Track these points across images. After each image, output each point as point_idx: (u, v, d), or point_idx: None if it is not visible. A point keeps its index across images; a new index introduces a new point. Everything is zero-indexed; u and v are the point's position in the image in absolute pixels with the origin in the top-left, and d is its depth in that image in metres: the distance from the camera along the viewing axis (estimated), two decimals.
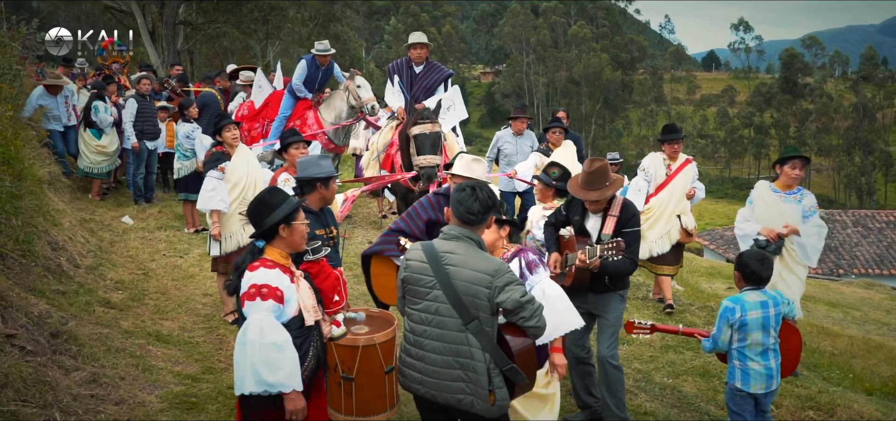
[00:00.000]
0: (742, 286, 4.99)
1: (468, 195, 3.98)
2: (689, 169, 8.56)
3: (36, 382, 4.88)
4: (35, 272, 6.76)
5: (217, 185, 7.13)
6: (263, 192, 4.08)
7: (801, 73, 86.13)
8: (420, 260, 3.98)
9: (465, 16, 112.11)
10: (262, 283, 3.76)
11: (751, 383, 4.91)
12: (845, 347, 9.81)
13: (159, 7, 25.28)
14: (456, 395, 3.88)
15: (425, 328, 3.94)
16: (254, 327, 3.69)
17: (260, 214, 3.93)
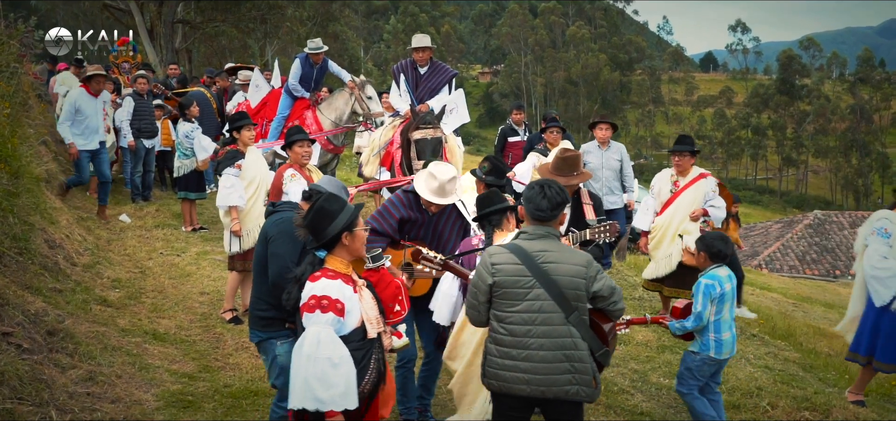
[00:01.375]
0: (707, 265, 5.50)
1: (537, 193, 4.17)
2: (700, 186, 7.62)
3: (32, 380, 4.88)
4: (32, 270, 6.75)
5: (235, 183, 7.23)
6: (321, 200, 3.92)
7: (798, 75, 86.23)
8: (513, 263, 4.08)
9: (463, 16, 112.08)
10: (322, 294, 3.69)
11: (722, 351, 5.44)
12: (842, 348, 9.80)
13: (158, 6, 25.23)
14: (564, 387, 4.03)
15: (529, 328, 4.04)
16: (311, 341, 3.62)
17: (322, 224, 3.83)
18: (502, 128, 10.92)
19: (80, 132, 9.76)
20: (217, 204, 7.39)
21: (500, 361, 4.09)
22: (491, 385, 4.17)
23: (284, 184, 6.81)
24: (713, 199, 7.54)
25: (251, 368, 6.35)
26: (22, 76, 9.93)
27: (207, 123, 11.77)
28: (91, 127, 9.80)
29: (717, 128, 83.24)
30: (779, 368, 7.55)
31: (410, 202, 5.27)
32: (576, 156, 5.67)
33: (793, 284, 19.47)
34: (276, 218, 4.62)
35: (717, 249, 5.46)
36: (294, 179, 6.72)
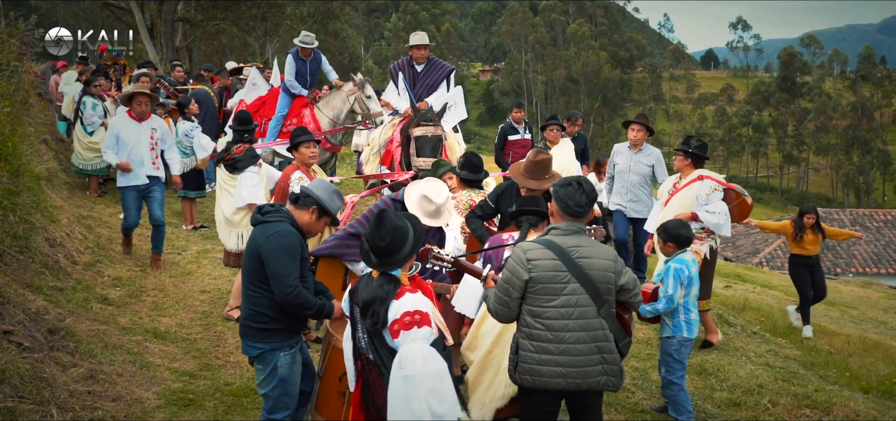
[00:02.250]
0: (671, 251, 5.76)
1: (575, 189, 4.27)
2: (693, 189, 7.29)
3: (33, 379, 4.88)
4: (32, 269, 6.76)
5: (259, 181, 7.28)
6: (391, 217, 3.79)
7: (799, 72, 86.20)
8: (549, 258, 4.15)
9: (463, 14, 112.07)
10: (414, 309, 3.63)
11: (694, 330, 5.76)
12: (842, 345, 9.81)
13: (158, 4, 25.22)
14: (596, 378, 4.14)
15: (566, 322, 4.12)
16: (416, 358, 3.54)
17: (400, 241, 3.73)
18: (502, 126, 10.91)
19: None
20: (244, 201, 7.22)
21: (537, 356, 4.13)
22: (525, 381, 4.18)
23: (292, 186, 6.65)
24: (708, 203, 7.16)
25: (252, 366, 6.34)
26: (22, 75, 9.93)
27: (209, 122, 11.77)
28: (135, 158, 8.16)
29: (718, 125, 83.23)
30: (779, 365, 7.55)
31: (396, 210, 5.25)
32: (547, 159, 5.71)
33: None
34: (267, 231, 4.36)
35: (682, 236, 5.76)
36: (301, 182, 6.65)
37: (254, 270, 4.36)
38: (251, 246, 4.40)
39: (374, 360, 3.71)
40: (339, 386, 4.41)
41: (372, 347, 3.71)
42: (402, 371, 3.53)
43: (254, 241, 4.39)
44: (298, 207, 4.57)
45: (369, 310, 3.68)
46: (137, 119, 8.18)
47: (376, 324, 3.66)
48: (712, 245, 7.29)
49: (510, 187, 5.96)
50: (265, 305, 4.35)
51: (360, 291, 3.80)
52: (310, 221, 4.58)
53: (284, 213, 4.48)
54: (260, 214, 4.49)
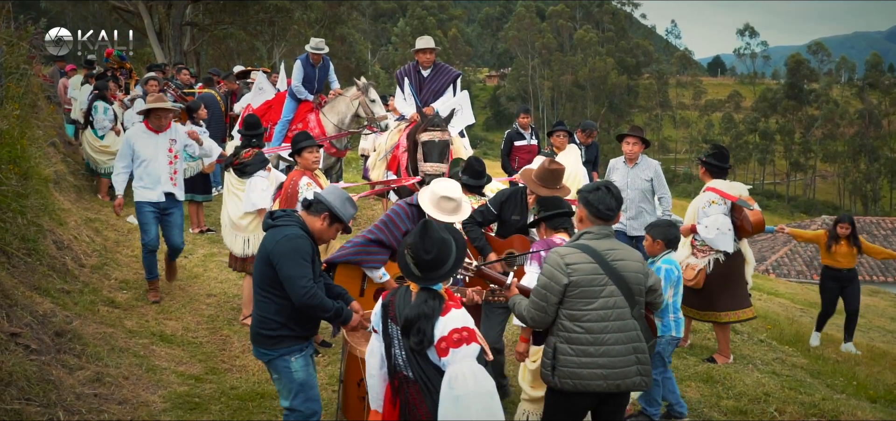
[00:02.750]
0: (659, 250, 5.85)
1: (605, 193, 4.34)
2: (696, 200, 7.33)
3: (40, 381, 4.90)
4: (40, 271, 6.79)
5: (268, 186, 7.26)
6: (436, 229, 3.69)
7: (806, 80, 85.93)
8: (587, 262, 4.21)
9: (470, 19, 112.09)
10: (462, 326, 3.52)
11: (681, 329, 5.88)
12: (849, 354, 9.78)
13: (166, 8, 25.34)
14: (632, 379, 4.22)
15: (606, 324, 4.18)
16: (467, 377, 3.43)
17: (445, 254, 3.64)
18: (509, 132, 10.92)
19: (140, 178, 7.58)
20: (254, 206, 7.19)
21: (577, 359, 4.17)
22: (565, 385, 4.21)
23: (300, 192, 6.62)
24: (704, 216, 7.12)
25: (258, 369, 6.36)
26: (31, 78, 9.97)
27: (215, 126, 11.80)
28: (151, 174, 7.53)
29: (725, 132, 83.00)
30: (786, 373, 7.52)
31: (414, 215, 5.23)
32: (561, 169, 5.72)
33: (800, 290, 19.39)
34: (276, 236, 4.31)
35: (671, 236, 5.88)
36: (310, 188, 6.61)
37: (264, 275, 4.33)
38: (262, 251, 4.36)
39: (415, 377, 3.60)
40: (359, 391, 4.37)
41: (412, 364, 3.60)
42: (453, 391, 3.42)
43: (264, 246, 4.35)
44: (310, 214, 4.49)
45: (414, 327, 3.55)
46: (155, 130, 7.57)
47: (422, 342, 3.53)
48: (719, 258, 7.17)
49: (515, 194, 5.94)
50: (274, 311, 4.32)
51: (399, 307, 3.66)
52: (321, 228, 4.49)
53: (295, 217, 4.43)
54: (271, 218, 4.45)
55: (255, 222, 7.24)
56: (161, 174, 7.55)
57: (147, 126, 7.58)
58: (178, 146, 7.76)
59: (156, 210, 7.63)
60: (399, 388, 3.68)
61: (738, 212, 7.18)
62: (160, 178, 7.55)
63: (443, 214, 4.85)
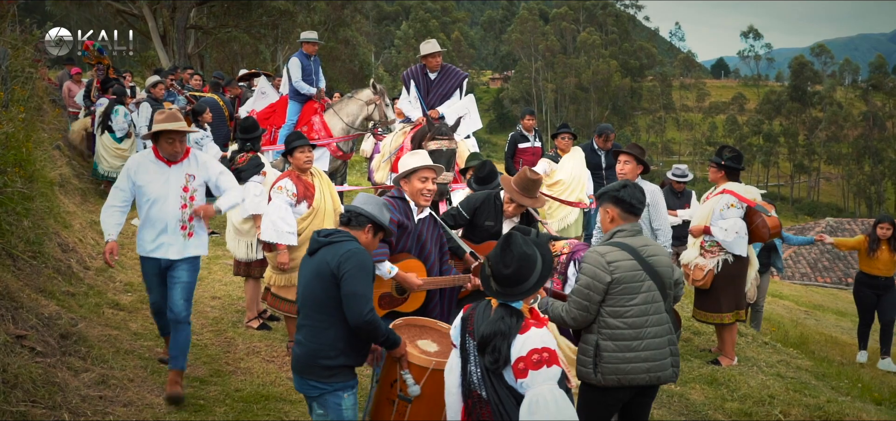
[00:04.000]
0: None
1: (633, 189, 4.50)
2: (711, 202, 7.27)
3: (45, 383, 4.91)
4: (45, 274, 6.81)
5: (263, 191, 7.18)
6: (520, 243, 3.48)
7: (810, 82, 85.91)
8: (627, 259, 4.31)
9: (473, 21, 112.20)
10: (542, 346, 3.30)
11: None
12: (854, 356, 9.77)
13: (170, 11, 25.41)
14: (668, 370, 4.34)
15: (646, 318, 4.29)
16: (549, 403, 3.20)
17: (527, 270, 3.44)
18: (513, 134, 10.92)
19: (142, 225, 5.66)
20: (247, 212, 7.15)
21: (620, 355, 4.26)
22: (610, 381, 4.28)
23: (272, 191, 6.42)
24: (722, 218, 7.08)
25: (262, 372, 6.37)
26: (37, 81, 10.00)
27: (218, 130, 11.81)
28: (156, 218, 5.55)
29: (729, 134, 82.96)
30: (791, 376, 7.51)
31: (402, 209, 5.19)
32: (539, 179, 5.75)
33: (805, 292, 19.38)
34: (338, 252, 3.95)
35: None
36: (281, 193, 6.30)
37: (320, 298, 3.96)
38: (317, 271, 3.98)
39: (488, 398, 3.42)
40: (391, 392, 4.22)
41: (487, 384, 3.42)
42: (533, 416, 3.22)
43: (322, 264, 3.96)
44: (353, 228, 4.16)
45: (490, 345, 3.37)
46: (166, 161, 5.55)
47: (498, 362, 3.34)
48: (727, 259, 7.15)
49: (488, 199, 5.87)
50: (332, 337, 3.97)
51: (477, 323, 3.49)
52: (368, 241, 4.20)
53: (347, 234, 4.10)
54: (322, 237, 4.08)
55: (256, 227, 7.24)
56: (168, 222, 5.52)
57: (156, 154, 5.56)
58: (198, 183, 5.67)
59: (158, 268, 5.69)
60: (472, 408, 3.51)
61: (756, 216, 7.15)
62: (166, 227, 5.53)
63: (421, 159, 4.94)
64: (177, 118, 5.55)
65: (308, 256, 4.10)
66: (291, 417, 5.59)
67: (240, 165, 7.32)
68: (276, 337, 7.17)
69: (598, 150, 9.95)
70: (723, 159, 7.27)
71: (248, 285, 7.47)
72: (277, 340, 7.10)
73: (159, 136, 5.51)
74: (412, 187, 5.07)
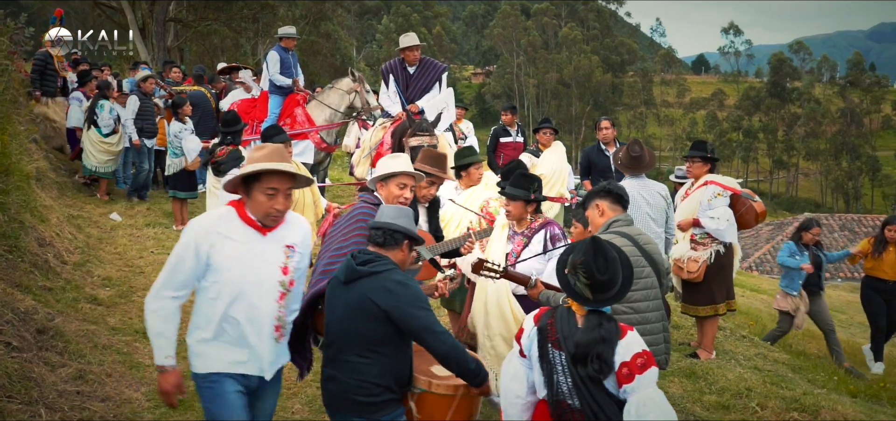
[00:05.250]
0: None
1: (618, 185, 4.74)
2: (697, 194, 7.24)
3: (21, 379, 4.86)
4: (21, 268, 6.73)
5: None
6: (607, 246, 3.44)
7: (789, 78, 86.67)
8: (628, 245, 4.40)
9: (455, 16, 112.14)
10: (642, 348, 3.32)
11: None
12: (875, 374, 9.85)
13: (150, 4, 25.17)
14: (661, 356, 4.45)
15: (648, 303, 4.45)
16: (657, 404, 3.26)
17: (618, 273, 3.40)
18: (495, 128, 10.95)
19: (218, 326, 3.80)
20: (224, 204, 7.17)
21: None
22: None
23: None
24: (710, 208, 7.08)
25: None
26: (12, 73, 9.89)
27: (206, 124, 11.72)
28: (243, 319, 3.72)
29: (709, 130, 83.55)
30: (768, 368, 7.58)
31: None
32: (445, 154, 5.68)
33: None
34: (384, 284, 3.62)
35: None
36: None
37: (363, 332, 3.63)
38: (358, 305, 3.62)
39: (581, 407, 3.35)
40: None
41: (581, 393, 3.35)
42: (641, 419, 3.24)
43: (364, 300, 3.61)
44: (389, 248, 3.77)
45: (591, 354, 3.30)
46: (260, 228, 3.71)
47: (602, 369, 3.29)
48: (720, 250, 7.18)
49: None
50: (377, 373, 3.64)
51: (562, 332, 3.41)
52: (404, 258, 3.84)
53: (387, 258, 3.73)
54: (359, 264, 3.66)
55: None
56: (262, 322, 3.70)
57: (240, 213, 3.74)
58: (299, 261, 3.84)
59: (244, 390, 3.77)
60: (560, 417, 3.43)
61: (743, 204, 7.20)
62: (261, 327, 3.70)
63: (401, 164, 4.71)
64: (285, 156, 3.86)
65: (341, 284, 3.71)
66: None
67: (219, 158, 7.29)
68: None
69: (606, 151, 9.38)
70: (708, 152, 7.32)
71: None
72: None
73: (254, 182, 3.67)
74: (389, 192, 4.63)
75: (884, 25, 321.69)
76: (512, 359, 3.64)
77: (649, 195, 6.84)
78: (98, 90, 11.49)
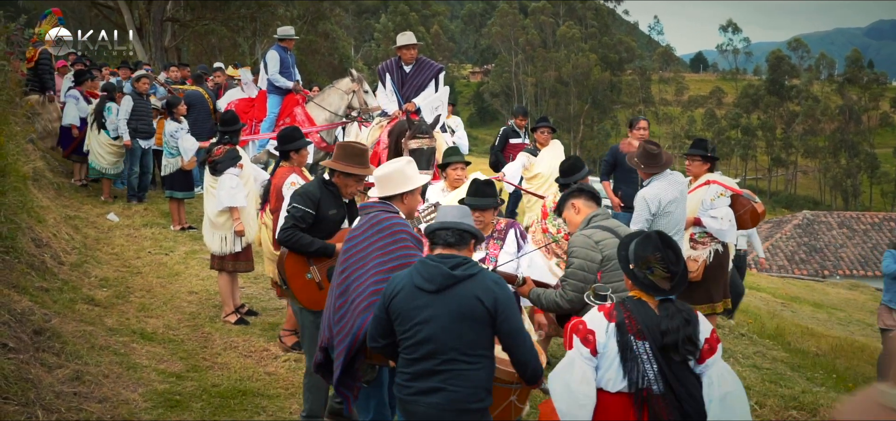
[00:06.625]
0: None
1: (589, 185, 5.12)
2: (698, 194, 7.16)
3: (18, 380, 4.84)
4: (18, 269, 6.71)
5: (238, 183, 7.16)
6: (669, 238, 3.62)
7: (787, 76, 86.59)
8: (610, 237, 4.65)
9: (453, 15, 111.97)
10: (712, 328, 3.54)
11: None
12: (829, 347, 9.88)
13: (147, 4, 25.15)
14: None
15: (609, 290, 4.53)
16: (730, 373, 3.52)
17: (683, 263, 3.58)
18: (504, 129, 10.93)
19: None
20: (222, 204, 7.11)
21: None
22: None
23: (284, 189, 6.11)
24: (711, 208, 7.00)
25: (239, 367, 6.33)
26: (9, 73, 9.88)
27: (203, 124, 11.68)
28: None
29: (707, 128, 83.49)
30: (767, 367, 7.59)
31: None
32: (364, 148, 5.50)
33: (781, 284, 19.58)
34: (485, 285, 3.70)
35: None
36: (294, 188, 6.22)
37: (470, 338, 3.67)
38: (465, 309, 3.66)
39: (663, 391, 3.45)
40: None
41: (670, 377, 3.46)
42: (720, 389, 3.44)
43: (470, 301, 3.66)
44: (462, 248, 3.82)
45: (682, 338, 3.43)
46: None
47: (693, 352, 3.46)
48: (718, 249, 7.12)
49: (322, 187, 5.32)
50: (484, 377, 3.72)
51: (645, 323, 3.50)
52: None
53: (472, 261, 3.80)
54: (455, 269, 3.70)
55: (231, 221, 7.20)
56: None
57: None
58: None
59: None
60: (643, 405, 3.50)
61: (744, 204, 7.16)
62: None
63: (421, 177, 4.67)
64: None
65: (426, 293, 3.70)
66: (268, 412, 5.57)
67: (216, 158, 7.27)
68: (253, 332, 7.13)
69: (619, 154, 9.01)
70: (708, 151, 7.28)
71: (221, 279, 7.42)
72: (255, 334, 7.06)
73: None
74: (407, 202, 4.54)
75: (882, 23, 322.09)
76: (577, 362, 3.58)
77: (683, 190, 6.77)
78: (105, 93, 11.48)
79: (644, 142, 6.92)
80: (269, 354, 6.64)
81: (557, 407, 3.58)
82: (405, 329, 3.72)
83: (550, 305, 4.71)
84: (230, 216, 7.19)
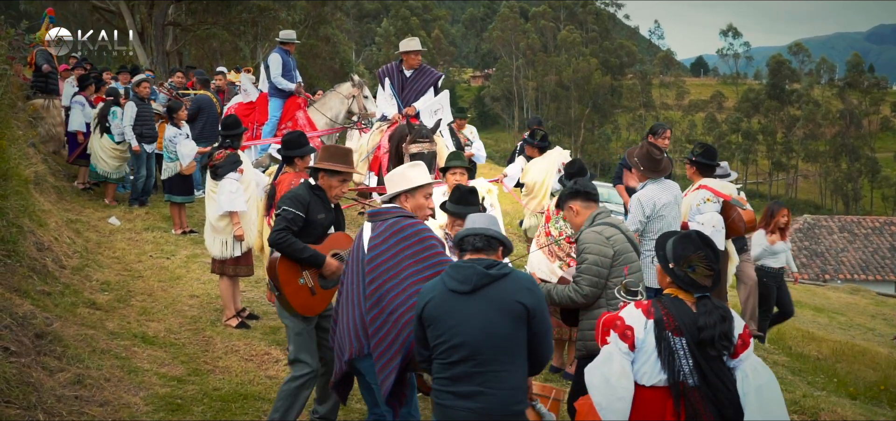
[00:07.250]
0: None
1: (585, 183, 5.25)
2: (688, 198, 7.13)
3: (19, 383, 4.85)
4: (20, 273, 6.72)
5: (238, 188, 7.16)
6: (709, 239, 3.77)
7: (788, 80, 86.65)
8: (617, 233, 4.91)
9: (454, 19, 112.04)
10: (745, 329, 3.70)
11: None
12: (830, 351, 9.87)
13: (148, 8, 25.18)
14: None
15: (639, 284, 4.74)
16: (763, 365, 3.69)
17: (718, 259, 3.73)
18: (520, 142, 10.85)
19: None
20: (223, 209, 7.15)
21: None
22: None
23: None
24: (698, 213, 6.98)
25: (240, 371, 6.33)
26: (11, 78, 9.89)
27: (213, 128, 11.67)
28: None
29: (708, 132, 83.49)
30: None
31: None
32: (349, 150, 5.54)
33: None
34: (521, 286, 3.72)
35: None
36: None
37: (510, 338, 3.68)
38: (505, 309, 3.67)
39: (698, 385, 3.57)
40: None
41: (707, 371, 3.58)
42: (755, 381, 3.59)
43: (508, 302, 3.67)
44: (490, 253, 3.80)
45: (718, 333, 3.57)
46: None
47: (729, 347, 3.60)
48: None
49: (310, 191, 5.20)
50: (520, 379, 3.74)
51: (682, 320, 3.60)
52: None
53: (502, 262, 3.82)
54: (489, 268, 3.70)
55: (231, 225, 7.20)
56: None
57: None
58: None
59: None
60: (679, 398, 3.59)
61: (732, 211, 7.15)
62: None
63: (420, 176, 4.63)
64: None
65: (460, 296, 3.70)
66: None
67: (217, 162, 7.29)
68: (254, 336, 7.14)
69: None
70: (694, 156, 7.27)
71: (222, 283, 7.43)
72: (256, 338, 7.07)
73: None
74: (416, 203, 4.54)
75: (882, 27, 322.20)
76: (615, 356, 3.65)
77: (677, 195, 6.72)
78: (110, 97, 11.49)
79: (648, 145, 6.91)
80: (271, 357, 6.65)
81: (596, 400, 3.63)
82: (439, 334, 3.70)
83: (563, 300, 4.91)
84: (231, 221, 7.21)
